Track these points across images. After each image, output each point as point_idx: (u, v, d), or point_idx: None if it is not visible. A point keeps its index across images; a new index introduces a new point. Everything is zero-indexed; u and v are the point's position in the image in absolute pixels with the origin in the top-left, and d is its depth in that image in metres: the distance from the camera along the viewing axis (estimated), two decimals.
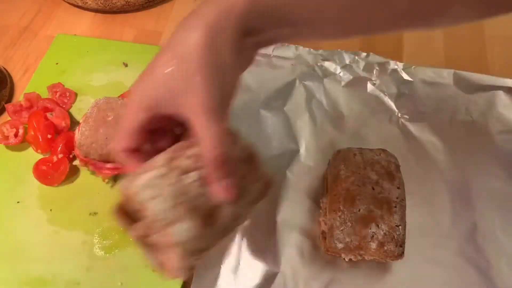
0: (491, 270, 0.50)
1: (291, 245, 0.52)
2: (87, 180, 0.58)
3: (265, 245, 0.52)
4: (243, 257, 0.52)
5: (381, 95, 0.63)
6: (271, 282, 0.50)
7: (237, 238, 0.53)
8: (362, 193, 0.48)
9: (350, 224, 0.47)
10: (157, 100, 0.37)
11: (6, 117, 0.63)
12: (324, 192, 0.53)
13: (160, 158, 0.38)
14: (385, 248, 0.47)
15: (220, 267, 0.51)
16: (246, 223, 0.53)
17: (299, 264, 0.51)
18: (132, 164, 0.39)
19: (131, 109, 0.38)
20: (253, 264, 0.51)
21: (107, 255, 0.52)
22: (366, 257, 0.48)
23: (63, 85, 0.65)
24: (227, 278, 0.51)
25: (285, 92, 0.64)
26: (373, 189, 0.48)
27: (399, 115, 0.61)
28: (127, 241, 0.53)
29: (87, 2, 0.73)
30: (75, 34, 0.72)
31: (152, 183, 0.36)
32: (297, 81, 0.64)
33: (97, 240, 0.53)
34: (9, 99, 0.66)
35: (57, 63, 0.68)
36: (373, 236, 0.47)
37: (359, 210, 0.47)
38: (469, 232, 0.52)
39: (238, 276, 0.51)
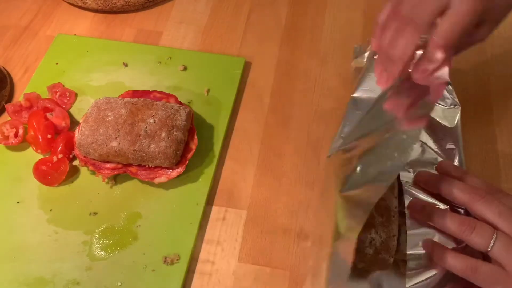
0: None
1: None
2: (87, 180, 0.58)
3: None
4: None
5: None
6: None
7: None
8: None
9: None
10: None
11: (6, 117, 0.63)
12: None
13: None
14: (380, 256, 0.46)
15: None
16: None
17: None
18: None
19: None
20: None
21: (107, 255, 0.52)
22: (358, 265, 0.48)
23: (63, 85, 0.65)
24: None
25: None
26: None
27: None
28: (127, 241, 0.53)
29: (87, 2, 0.73)
30: (75, 34, 0.72)
31: None
32: None
33: (97, 240, 0.53)
34: (9, 99, 0.66)
35: (57, 63, 0.68)
36: (371, 241, 0.46)
37: None
38: None
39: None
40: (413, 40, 0.42)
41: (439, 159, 0.53)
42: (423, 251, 0.45)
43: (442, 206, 0.46)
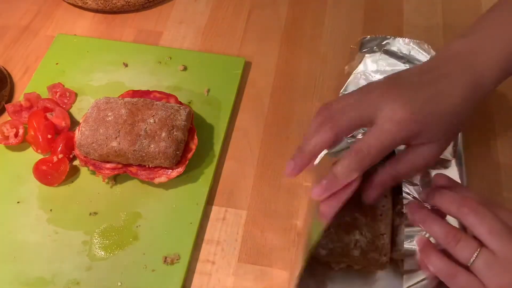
0: None
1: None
2: (87, 180, 0.58)
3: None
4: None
5: None
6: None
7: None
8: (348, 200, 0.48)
9: (333, 231, 0.47)
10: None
11: (6, 117, 0.63)
12: None
13: None
14: (369, 256, 0.46)
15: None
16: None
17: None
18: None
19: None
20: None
21: (107, 255, 0.52)
22: (355, 266, 0.48)
23: (63, 85, 0.65)
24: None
25: None
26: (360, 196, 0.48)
27: None
28: (127, 241, 0.53)
29: (87, 2, 0.73)
30: (75, 34, 0.72)
31: None
32: None
33: (97, 240, 0.53)
34: (9, 99, 0.66)
35: (57, 63, 0.68)
36: (356, 243, 0.46)
37: (343, 217, 0.47)
38: None
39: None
40: (328, 139, 0.43)
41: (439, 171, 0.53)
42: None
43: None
